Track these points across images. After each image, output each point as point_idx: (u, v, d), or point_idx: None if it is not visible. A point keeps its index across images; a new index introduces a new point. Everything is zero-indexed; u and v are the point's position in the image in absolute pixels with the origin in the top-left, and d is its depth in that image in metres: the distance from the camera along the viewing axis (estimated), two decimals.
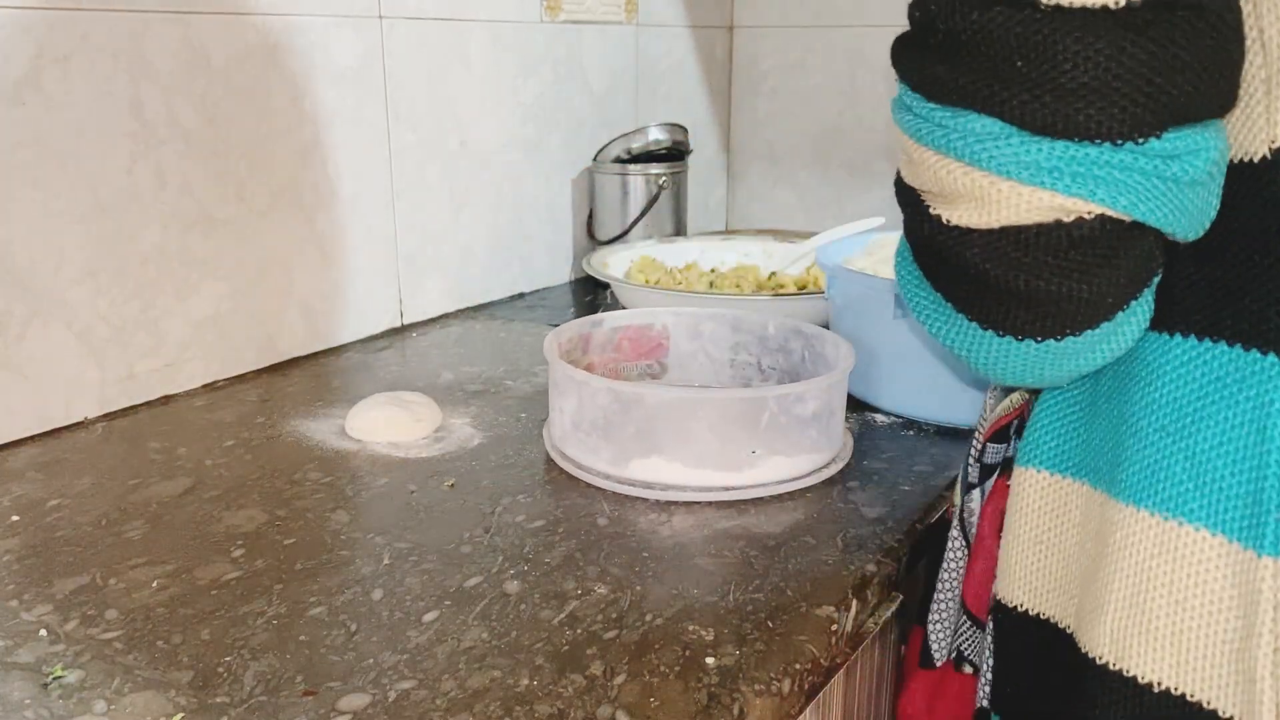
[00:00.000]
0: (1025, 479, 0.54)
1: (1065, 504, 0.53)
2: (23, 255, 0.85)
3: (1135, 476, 0.47)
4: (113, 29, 0.89)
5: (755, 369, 0.97)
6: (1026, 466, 0.54)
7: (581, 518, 0.74)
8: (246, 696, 0.54)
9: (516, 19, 1.33)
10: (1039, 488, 0.54)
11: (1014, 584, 0.55)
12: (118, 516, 0.74)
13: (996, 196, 0.43)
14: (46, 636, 0.60)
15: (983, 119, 0.43)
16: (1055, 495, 0.53)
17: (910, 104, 0.47)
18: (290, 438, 0.89)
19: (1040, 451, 0.54)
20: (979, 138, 0.43)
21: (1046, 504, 0.53)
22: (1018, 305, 0.46)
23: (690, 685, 0.56)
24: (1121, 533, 0.48)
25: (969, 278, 0.46)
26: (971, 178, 0.43)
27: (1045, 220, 0.43)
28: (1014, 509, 0.55)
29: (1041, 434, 0.54)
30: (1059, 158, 0.42)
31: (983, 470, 0.64)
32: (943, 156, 0.45)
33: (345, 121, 1.12)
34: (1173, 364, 0.47)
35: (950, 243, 0.46)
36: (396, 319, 1.23)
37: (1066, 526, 0.52)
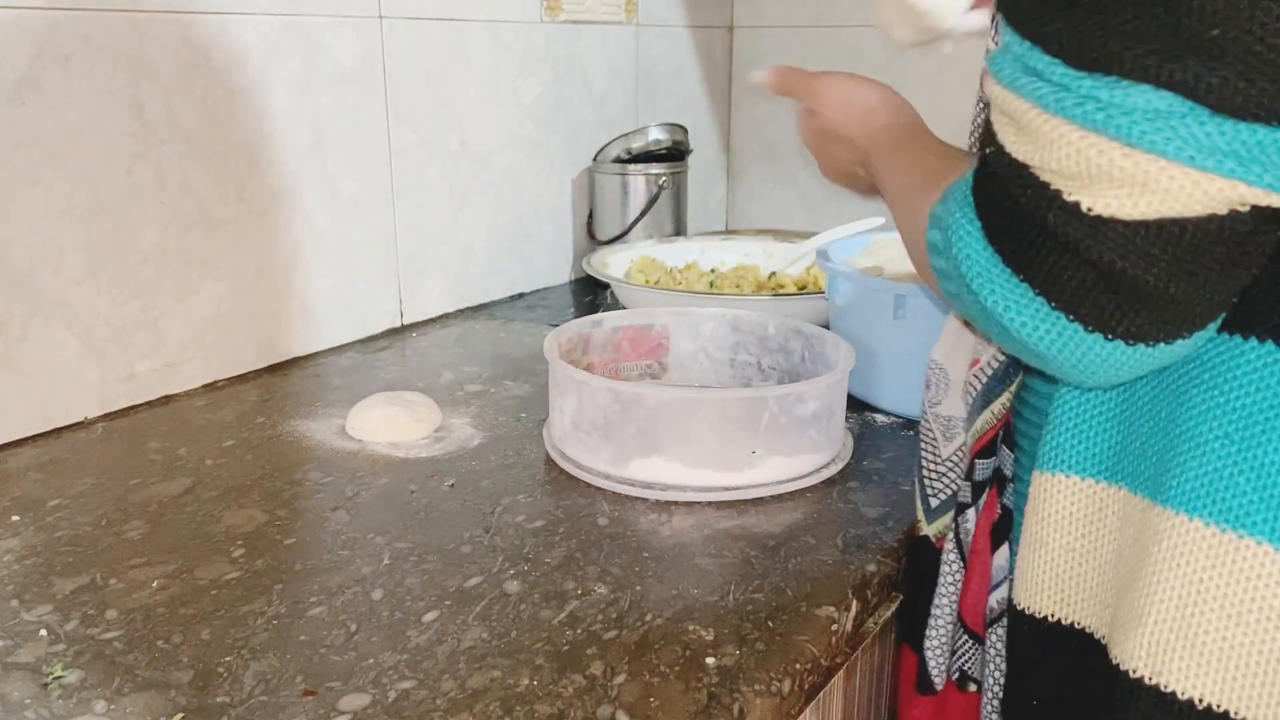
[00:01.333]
0: (1051, 484, 0.51)
1: (1100, 509, 0.50)
2: (23, 255, 0.85)
3: (1190, 484, 0.44)
4: (113, 29, 0.89)
5: (755, 369, 0.97)
6: (1053, 472, 0.51)
7: (581, 518, 0.74)
8: (246, 696, 0.54)
9: (516, 19, 1.33)
10: (1068, 493, 0.51)
11: (1038, 591, 0.53)
12: (118, 516, 0.74)
13: (1165, 184, 0.38)
14: (46, 636, 0.60)
15: (1159, 94, 0.37)
16: (1087, 500, 0.50)
17: (1039, 68, 0.41)
18: (290, 438, 0.89)
19: (1067, 455, 0.51)
20: (1149, 116, 0.38)
21: (1077, 509, 0.50)
22: (1142, 306, 0.41)
23: (690, 685, 0.56)
24: (1169, 541, 0.45)
25: (1092, 274, 0.41)
26: (1133, 160, 0.38)
27: (1212, 213, 0.38)
28: (1038, 515, 0.52)
29: (1067, 437, 0.51)
30: (1246, 143, 0.37)
31: (975, 488, 0.61)
32: (1090, 133, 0.39)
33: (345, 121, 1.12)
34: (1244, 369, 0.44)
35: (1081, 233, 0.41)
36: (396, 319, 1.23)
37: (1102, 533, 0.50)
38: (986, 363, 0.59)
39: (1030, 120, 0.41)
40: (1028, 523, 0.53)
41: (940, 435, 0.66)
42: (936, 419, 0.67)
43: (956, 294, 0.49)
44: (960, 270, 0.47)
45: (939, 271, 0.50)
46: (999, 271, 0.45)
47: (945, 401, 0.66)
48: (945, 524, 0.66)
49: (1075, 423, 0.51)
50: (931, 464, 0.67)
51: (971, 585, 0.61)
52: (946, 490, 0.66)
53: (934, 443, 0.67)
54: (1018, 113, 0.42)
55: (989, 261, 0.45)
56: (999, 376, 0.58)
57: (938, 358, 0.66)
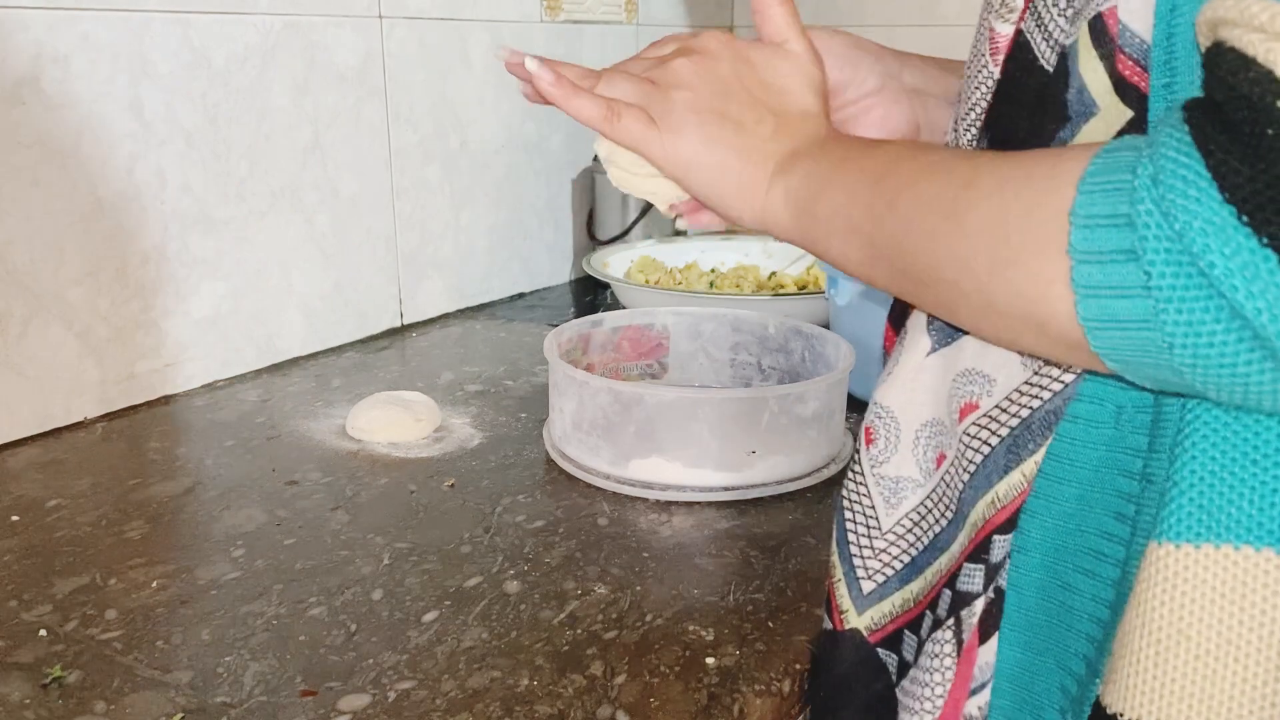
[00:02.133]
0: (1191, 559, 0.38)
1: (1271, 587, 0.37)
2: (23, 255, 0.85)
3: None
4: (113, 29, 0.89)
5: (755, 369, 0.97)
6: (1199, 543, 0.38)
7: (581, 518, 0.74)
8: (246, 697, 0.54)
9: (516, 19, 1.33)
10: (1219, 569, 0.38)
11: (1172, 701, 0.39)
12: (118, 516, 0.74)
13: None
14: (46, 636, 0.60)
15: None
16: (1254, 577, 0.37)
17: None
18: (290, 438, 0.89)
19: (1215, 520, 0.38)
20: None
21: (1238, 590, 0.37)
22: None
23: (690, 685, 0.56)
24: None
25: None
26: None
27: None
28: (1169, 600, 0.38)
29: (1210, 496, 0.38)
30: None
31: (988, 571, 0.46)
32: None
33: (345, 121, 1.12)
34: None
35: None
36: (396, 319, 1.23)
37: (1275, 618, 0.37)
38: (999, 408, 0.45)
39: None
40: (1149, 610, 0.39)
41: (881, 502, 0.53)
42: (879, 482, 0.53)
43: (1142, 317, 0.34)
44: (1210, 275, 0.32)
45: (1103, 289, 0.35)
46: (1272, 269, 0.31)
47: (894, 459, 0.52)
48: (887, 614, 0.52)
49: (1221, 476, 0.38)
50: (866, 538, 0.53)
51: (962, 690, 0.47)
52: (886, 571, 0.52)
53: (869, 513, 0.53)
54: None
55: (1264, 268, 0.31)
56: (1036, 427, 0.44)
57: (888, 402, 0.52)
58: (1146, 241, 0.33)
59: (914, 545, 0.51)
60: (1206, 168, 0.32)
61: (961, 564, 0.47)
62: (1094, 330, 0.36)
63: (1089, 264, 0.35)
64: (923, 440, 0.51)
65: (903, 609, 0.51)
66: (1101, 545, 0.43)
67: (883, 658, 0.52)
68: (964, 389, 0.47)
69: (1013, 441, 0.45)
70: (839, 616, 0.54)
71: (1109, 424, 0.42)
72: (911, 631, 0.51)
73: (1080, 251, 0.35)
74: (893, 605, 0.52)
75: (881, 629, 0.52)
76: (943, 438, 0.49)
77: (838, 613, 0.54)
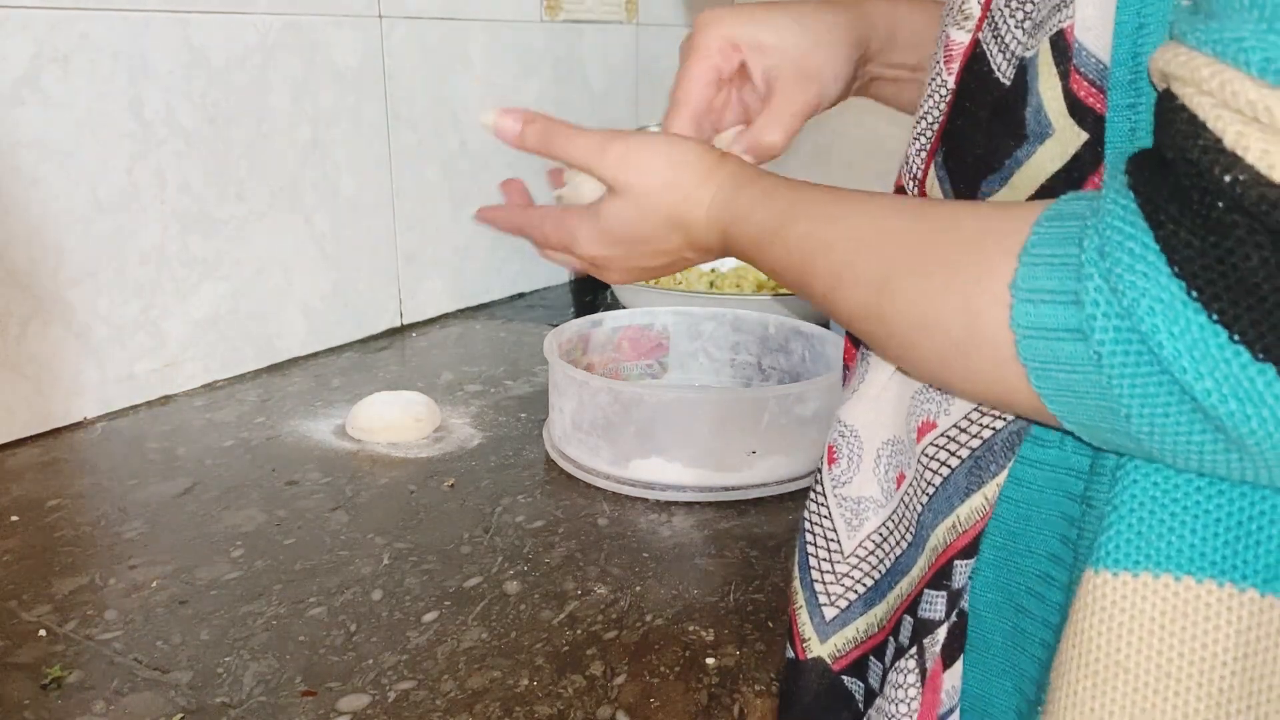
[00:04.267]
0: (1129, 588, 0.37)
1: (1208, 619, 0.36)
2: (23, 255, 0.85)
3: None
4: (113, 29, 0.89)
5: (755, 369, 0.97)
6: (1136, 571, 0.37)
7: (581, 518, 0.74)
8: (246, 697, 0.54)
9: (516, 18, 1.33)
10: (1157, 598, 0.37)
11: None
12: (117, 516, 0.74)
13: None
14: (46, 637, 0.60)
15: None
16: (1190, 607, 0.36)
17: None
18: (290, 438, 0.89)
19: (1153, 548, 0.37)
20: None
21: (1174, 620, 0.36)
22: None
23: (690, 686, 0.55)
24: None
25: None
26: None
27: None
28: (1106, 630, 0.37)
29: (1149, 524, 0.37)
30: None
31: (950, 598, 0.45)
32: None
33: (345, 121, 1.11)
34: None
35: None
36: (396, 319, 1.23)
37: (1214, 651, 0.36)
38: (957, 428, 0.44)
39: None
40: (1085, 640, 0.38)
41: (843, 525, 0.51)
42: (841, 503, 0.51)
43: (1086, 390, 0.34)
44: (1159, 355, 0.31)
45: (1051, 364, 0.35)
46: (1235, 358, 0.30)
47: (856, 480, 0.50)
48: (851, 640, 0.50)
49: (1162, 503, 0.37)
50: (828, 563, 0.51)
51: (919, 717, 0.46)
52: (849, 596, 0.50)
53: (830, 535, 0.51)
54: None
55: (1213, 344, 0.30)
56: (999, 449, 0.43)
57: (851, 421, 0.51)
58: (1095, 320, 0.32)
59: (876, 569, 0.50)
60: (1155, 239, 0.31)
61: (922, 590, 0.45)
62: (1050, 400, 0.36)
63: (1034, 339, 0.35)
64: (884, 459, 0.49)
65: (867, 634, 0.50)
66: (1049, 568, 0.43)
67: (848, 686, 0.50)
68: (922, 406, 0.46)
69: (974, 464, 0.43)
70: (801, 645, 0.52)
71: (1055, 443, 0.41)
72: (876, 658, 0.49)
73: (1024, 327, 0.35)
74: (856, 631, 0.50)
75: (846, 655, 0.51)
76: (902, 456, 0.48)
77: (800, 641, 0.52)
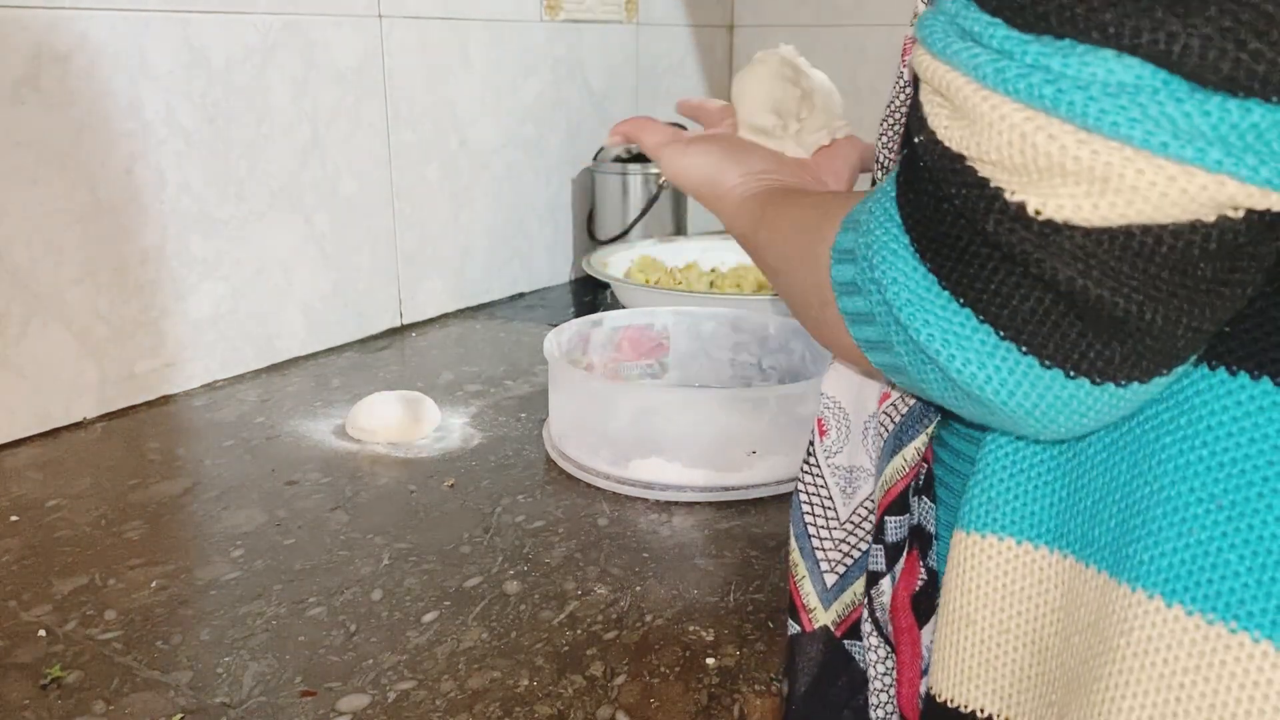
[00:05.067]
0: (978, 548, 0.42)
1: (1040, 581, 0.40)
2: (22, 255, 0.85)
3: (1165, 560, 0.35)
4: (113, 29, 0.89)
5: (756, 369, 0.97)
6: (982, 532, 0.41)
7: (581, 518, 0.74)
8: (246, 697, 0.54)
9: (516, 18, 1.33)
10: (1000, 559, 0.41)
11: (964, 680, 0.42)
12: (117, 516, 0.74)
13: (1132, 180, 0.30)
14: (45, 637, 0.60)
15: (1121, 60, 0.29)
16: (1025, 569, 0.41)
17: (977, 30, 0.32)
18: (290, 438, 0.89)
19: (999, 513, 0.41)
20: (1110, 90, 0.30)
21: (1013, 580, 0.41)
22: (1112, 337, 0.33)
23: (690, 686, 0.55)
24: (1140, 633, 0.36)
25: (1047, 295, 0.33)
26: (1090, 148, 0.30)
27: (1195, 218, 0.30)
28: (962, 585, 0.42)
29: (999, 490, 0.41)
30: (1237, 125, 0.29)
31: (889, 552, 0.49)
32: (1036, 113, 0.31)
33: (345, 121, 1.11)
34: (1234, 413, 0.35)
35: (1029, 244, 0.32)
36: (396, 319, 1.23)
37: (1043, 610, 0.40)
38: (900, 397, 0.48)
39: (966, 97, 0.33)
40: (948, 593, 0.43)
41: (838, 493, 0.54)
42: (834, 472, 0.54)
43: (880, 340, 0.39)
44: (885, 298, 0.37)
45: (856, 316, 0.40)
46: (935, 295, 0.35)
47: (846, 449, 0.54)
48: (849, 604, 0.53)
49: (1010, 473, 0.41)
50: (825, 531, 0.54)
51: (903, 672, 0.48)
52: (846, 561, 0.54)
53: (827, 503, 0.54)
54: (951, 88, 0.33)
55: (921, 284, 0.36)
56: (916, 414, 0.47)
57: (834, 393, 0.54)
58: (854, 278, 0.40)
59: (870, 534, 0.52)
60: (895, 200, 0.37)
61: (870, 546, 0.50)
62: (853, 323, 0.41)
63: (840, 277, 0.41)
64: (870, 431, 0.52)
65: (863, 598, 0.52)
66: (944, 531, 0.48)
67: (849, 649, 0.53)
68: (884, 379, 0.49)
69: (899, 429, 0.48)
70: (807, 616, 0.54)
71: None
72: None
73: (834, 269, 0.41)
74: (854, 595, 0.53)
75: (846, 620, 0.53)
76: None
77: (805, 612, 0.54)
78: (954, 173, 0.34)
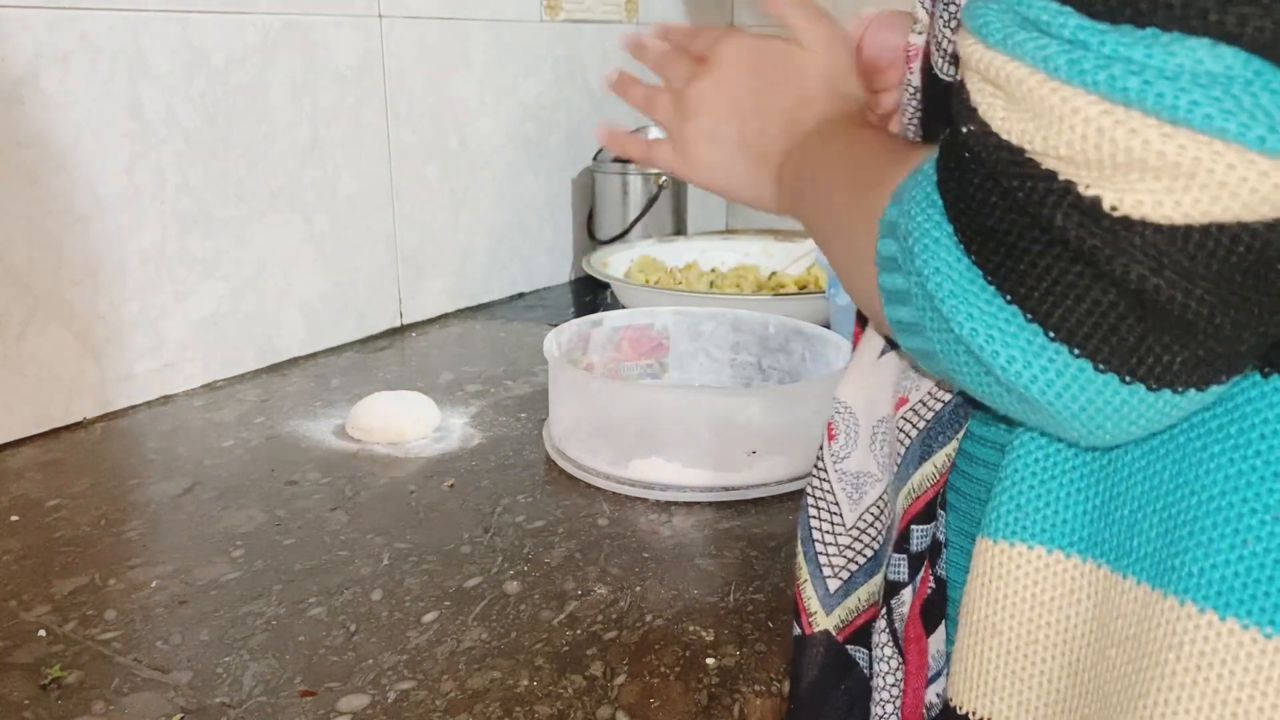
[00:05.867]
0: (1005, 557, 0.41)
1: (1071, 591, 0.39)
2: (22, 255, 0.85)
3: (1216, 573, 0.34)
4: (113, 29, 0.89)
5: (756, 369, 0.97)
6: (1010, 540, 0.40)
7: (581, 518, 0.74)
8: (245, 697, 0.54)
9: (516, 18, 1.33)
10: (1029, 568, 0.40)
11: (988, 691, 0.42)
12: (117, 516, 0.74)
13: (1221, 175, 0.29)
14: (45, 637, 0.60)
15: (1214, 49, 0.28)
16: (1055, 579, 0.40)
17: (1045, 18, 0.31)
18: (289, 438, 0.89)
19: (1029, 521, 0.40)
20: (1200, 81, 0.29)
21: (1042, 590, 0.40)
22: (1175, 340, 0.32)
23: (690, 686, 0.55)
24: (1193, 647, 0.35)
25: (1110, 294, 0.32)
26: (1177, 143, 0.29)
27: (1276, 215, 0.29)
28: (987, 595, 0.41)
29: (1029, 497, 0.40)
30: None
31: (912, 561, 0.48)
32: (1116, 106, 0.30)
33: (344, 121, 1.11)
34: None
35: (1100, 239, 0.31)
36: (396, 319, 1.23)
37: (1073, 621, 0.39)
38: (920, 402, 0.47)
39: (1031, 89, 0.32)
40: (971, 603, 0.42)
41: (845, 498, 0.54)
42: (842, 477, 0.54)
43: (914, 323, 0.38)
44: (926, 289, 0.36)
45: (891, 294, 0.40)
46: (979, 290, 0.35)
47: (854, 455, 0.53)
48: (853, 610, 0.53)
49: (1041, 479, 0.40)
50: (831, 535, 0.54)
51: (909, 681, 0.48)
52: (851, 567, 0.53)
53: (834, 508, 0.54)
54: (1012, 80, 0.32)
55: (964, 276, 0.35)
56: (945, 421, 0.46)
57: (845, 398, 0.54)
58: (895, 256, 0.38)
59: (875, 540, 0.52)
60: (937, 187, 0.36)
61: (890, 554, 0.49)
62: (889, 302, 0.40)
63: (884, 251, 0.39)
64: (879, 436, 0.52)
65: (868, 603, 0.52)
66: (957, 539, 0.47)
67: (852, 653, 0.52)
68: (901, 384, 0.49)
69: (927, 434, 0.47)
70: (808, 620, 0.54)
71: (995, 420, 0.45)
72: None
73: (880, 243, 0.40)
74: (858, 600, 0.52)
75: (850, 624, 0.53)
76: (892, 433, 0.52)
77: (806, 616, 0.54)
78: (1015, 165, 0.33)
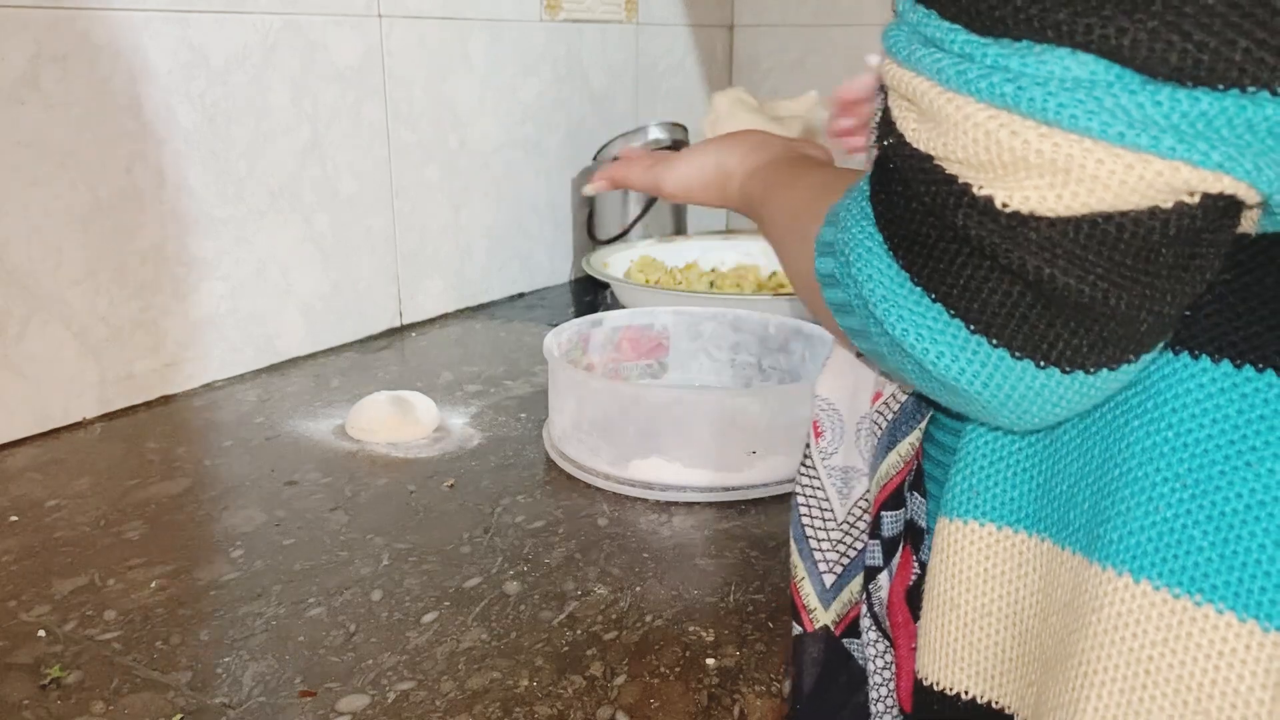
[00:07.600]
0: (960, 534, 0.43)
1: (1019, 565, 0.42)
2: (22, 255, 0.85)
3: (1134, 538, 0.37)
4: (113, 28, 0.88)
5: (756, 369, 0.97)
6: (964, 519, 0.43)
7: (581, 518, 0.74)
8: (245, 697, 0.54)
9: (516, 18, 1.33)
10: (981, 544, 0.42)
11: (949, 663, 0.44)
12: (116, 517, 0.74)
13: (1092, 170, 0.32)
14: (45, 637, 0.60)
15: (1076, 57, 0.31)
16: (1005, 553, 0.42)
17: (938, 36, 0.34)
18: (289, 438, 0.89)
19: (980, 500, 0.42)
20: (1067, 85, 0.31)
21: (994, 564, 0.42)
22: (1079, 324, 0.34)
23: (690, 686, 0.55)
24: (1111, 609, 0.37)
25: (1015, 285, 0.34)
26: (1051, 142, 0.32)
27: (1153, 205, 0.32)
28: (946, 571, 0.43)
29: (979, 478, 0.43)
30: (1187, 114, 0.30)
31: (885, 547, 0.50)
32: (999, 111, 0.33)
33: (344, 121, 1.11)
34: (1196, 395, 0.36)
35: (997, 235, 0.34)
36: (396, 319, 1.23)
37: (1023, 593, 0.42)
38: (892, 395, 0.50)
39: (932, 100, 0.34)
40: (934, 579, 0.44)
41: (835, 494, 0.55)
42: (831, 473, 0.55)
43: (860, 329, 0.41)
44: (863, 295, 0.39)
45: (837, 307, 0.42)
46: (908, 292, 0.37)
47: (841, 450, 0.55)
48: (846, 603, 0.54)
49: (989, 460, 0.43)
50: (823, 530, 0.55)
51: (901, 666, 0.49)
52: (843, 561, 0.55)
53: (824, 504, 0.55)
54: (917, 93, 0.35)
55: (895, 280, 0.37)
56: (909, 412, 0.49)
57: (827, 394, 0.56)
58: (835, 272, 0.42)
59: (865, 533, 0.53)
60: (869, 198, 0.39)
61: (867, 542, 0.51)
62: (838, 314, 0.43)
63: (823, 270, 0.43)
64: (863, 431, 0.54)
65: (861, 596, 0.53)
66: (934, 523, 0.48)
67: (848, 646, 0.54)
68: (878, 380, 0.51)
69: (893, 425, 0.49)
70: (807, 617, 0.55)
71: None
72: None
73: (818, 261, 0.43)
74: (851, 594, 0.54)
75: (844, 618, 0.54)
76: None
77: (805, 613, 0.55)
78: (923, 172, 0.36)
